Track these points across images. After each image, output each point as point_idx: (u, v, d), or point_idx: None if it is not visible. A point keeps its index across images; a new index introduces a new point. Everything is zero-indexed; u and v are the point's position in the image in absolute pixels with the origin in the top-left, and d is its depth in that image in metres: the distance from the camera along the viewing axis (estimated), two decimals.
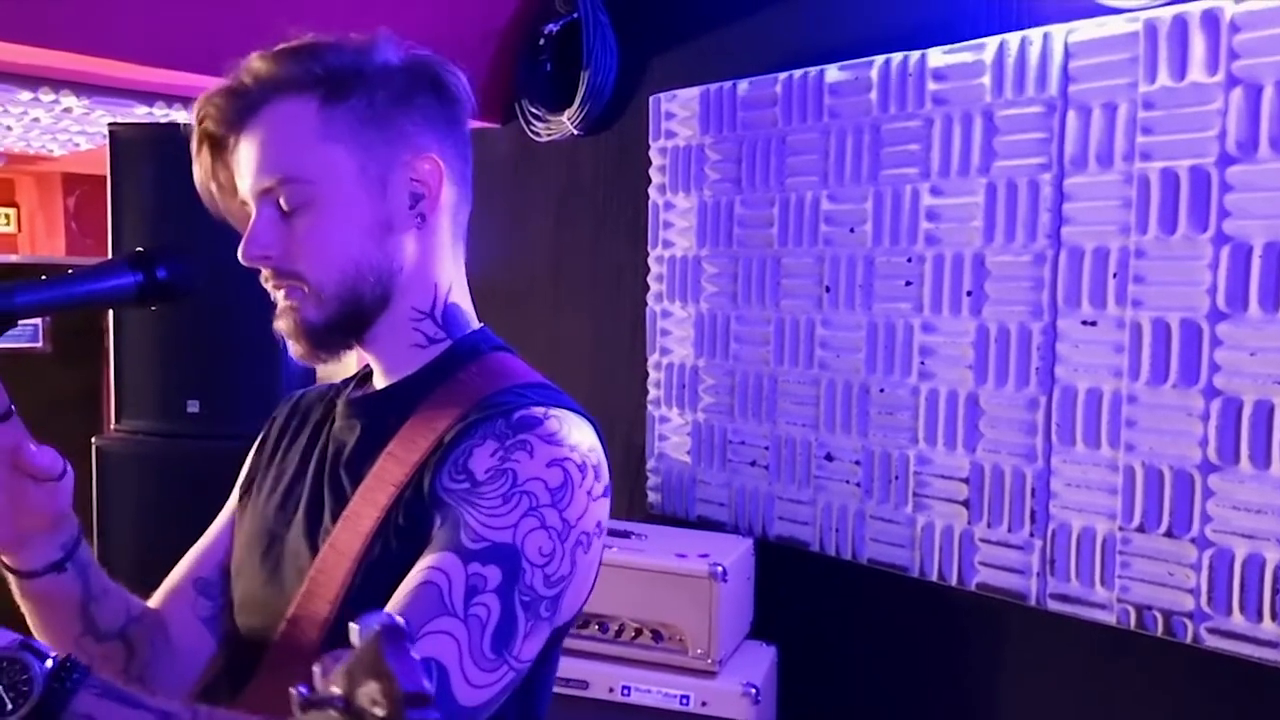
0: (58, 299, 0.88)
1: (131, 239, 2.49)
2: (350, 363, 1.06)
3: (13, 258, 5.17)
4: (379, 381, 1.03)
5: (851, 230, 2.31)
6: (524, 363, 1.02)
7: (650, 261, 2.76)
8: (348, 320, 0.96)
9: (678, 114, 2.68)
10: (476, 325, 1.04)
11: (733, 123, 2.55)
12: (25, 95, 2.90)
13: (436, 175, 0.97)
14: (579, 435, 0.91)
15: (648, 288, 2.77)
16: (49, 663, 0.70)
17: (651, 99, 2.74)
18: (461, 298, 1.03)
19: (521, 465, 0.86)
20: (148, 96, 3.02)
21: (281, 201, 0.93)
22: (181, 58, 2.51)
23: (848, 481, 2.34)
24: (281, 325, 0.96)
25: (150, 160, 2.47)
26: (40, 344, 4.15)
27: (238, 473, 1.13)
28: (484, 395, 0.93)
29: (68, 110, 3.12)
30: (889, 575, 2.27)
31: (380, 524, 0.89)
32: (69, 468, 0.91)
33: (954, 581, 2.15)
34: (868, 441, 2.30)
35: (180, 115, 3.13)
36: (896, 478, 2.25)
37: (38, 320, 3.80)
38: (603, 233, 2.95)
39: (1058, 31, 1.96)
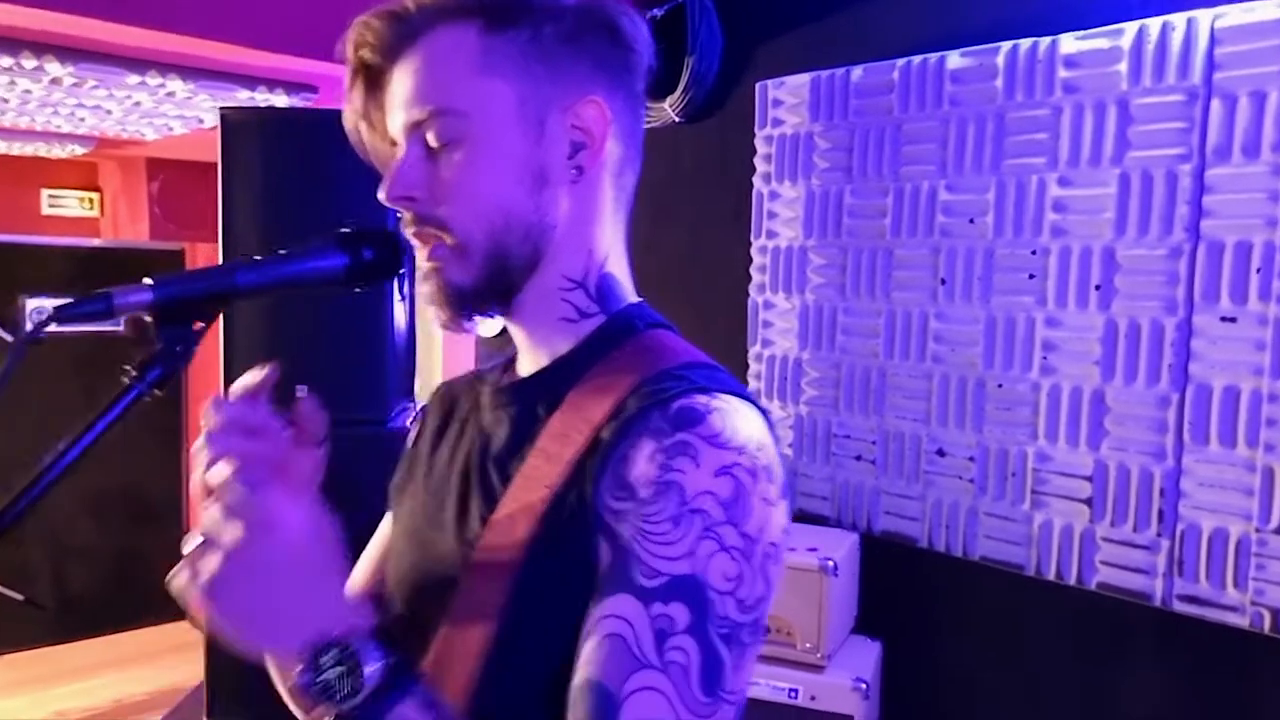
0: (274, 279, 0.87)
1: (241, 220, 2.52)
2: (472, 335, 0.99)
3: (95, 241, 5.25)
4: (525, 361, 0.95)
5: (971, 221, 2.26)
6: (684, 340, 0.94)
7: (753, 252, 2.73)
8: (494, 282, 0.87)
9: (786, 101, 2.64)
10: (634, 299, 0.96)
11: (844, 110, 2.51)
12: (133, 79, 2.94)
13: (601, 124, 0.87)
14: (747, 430, 0.80)
15: (750, 278, 2.74)
16: (383, 662, 0.70)
17: (758, 86, 2.70)
18: (619, 269, 0.95)
19: (687, 476, 0.76)
20: (250, 81, 3.05)
21: (430, 137, 0.85)
22: (297, 41, 2.53)
23: (960, 477, 2.30)
24: (425, 290, 0.89)
25: (260, 142, 2.50)
26: (121, 328, 4.23)
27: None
28: (641, 379, 0.84)
29: (171, 94, 3.15)
30: (1001, 572, 2.23)
31: (536, 532, 0.81)
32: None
33: (1073, 580, 2.11)
34: (983, 437, 2.25)
35: (280, 100, 3.15)
36: (1013, 474, 2.20)
37: None
38: (703, 222, 2.92)
39: (1203, 17, 1.90)
